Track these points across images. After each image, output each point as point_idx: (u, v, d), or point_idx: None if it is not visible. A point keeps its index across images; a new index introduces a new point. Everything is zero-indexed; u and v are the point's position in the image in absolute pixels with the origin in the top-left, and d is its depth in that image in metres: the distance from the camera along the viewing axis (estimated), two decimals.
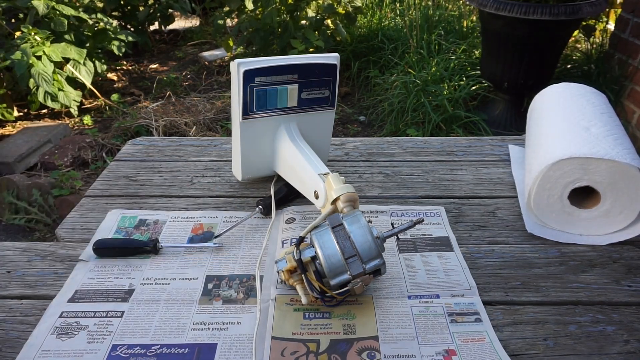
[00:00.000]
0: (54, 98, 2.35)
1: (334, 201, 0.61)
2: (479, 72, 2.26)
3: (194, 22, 3.94)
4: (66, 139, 2.29)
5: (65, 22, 2.35)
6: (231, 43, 2.94)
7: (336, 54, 0.75)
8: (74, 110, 2.48)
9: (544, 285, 0.62)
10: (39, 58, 2.25)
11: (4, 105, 2.47)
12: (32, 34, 2.25)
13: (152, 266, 0.65)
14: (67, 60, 2.43)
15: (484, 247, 0.69)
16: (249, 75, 0.69)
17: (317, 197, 0.65)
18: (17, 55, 2.18)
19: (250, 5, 2.65)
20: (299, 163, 0.70)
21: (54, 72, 2.31)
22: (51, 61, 2.29)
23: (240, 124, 0.72)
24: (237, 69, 0.68)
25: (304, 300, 0.56)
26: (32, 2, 2.25)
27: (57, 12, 2.32)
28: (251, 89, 0.70)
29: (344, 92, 2.68)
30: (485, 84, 2.26)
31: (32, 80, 2.24)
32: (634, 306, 0.59)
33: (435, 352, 0.52)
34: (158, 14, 3.22)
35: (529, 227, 0.71)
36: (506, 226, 0.73)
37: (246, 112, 0.71)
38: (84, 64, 2.48)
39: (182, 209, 0.77)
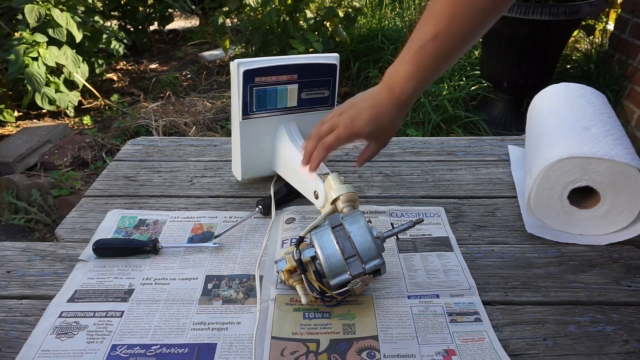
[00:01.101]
0: (52, 102, 2.35)
1: (334, 201, 0.61)
2: (479, 72, 2.26)
3: (194, 22, 3.94)
4: (66, 139, 2.29)
5: (65, 32, 2.34)
6: (227, 44, 2.94)
7: (336, 54, 0.75)
8: (69, 111, 2.48)
9: (544, 285, 0.62)
10: (35, 59, 2.25)
11: (3, 105, 2.47)
12: (29, 36, 2.24)
13: (152, 266, 0.65)
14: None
15: (483, 247, 0.69)
16: (249, 75, 0.69)
17: (317, 197, 0.65)
18: (12, 57, 2.18)
19: (253, 3, 2.64)
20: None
21: (49, 72, 2.31)
22: (45, 64, 2.28)
23: (240, 124, 0.72)
24: (237, 69, 0.68)
25: (303, 300, 0.56)
26: (25, 8, 2.24)
27: (52, 18, 2.31)
28: (251, 89, 0.70)
29: (344, 92, 2.68)
30: (485, 84, 2.26)
31: (26, 81, 2.24)
32: (633, 306, 0.59)
33: (435, 352, 0.52)
34: (157, 14, 3.22)
35: (529, 227, 0.71)
36: (506, 226, 0.73)
37: (246, 112, 0.71)
38: (81, 67, 2.47)
39: (182, 209, 0.77)
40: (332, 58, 0.74)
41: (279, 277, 0.61)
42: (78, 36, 2.41)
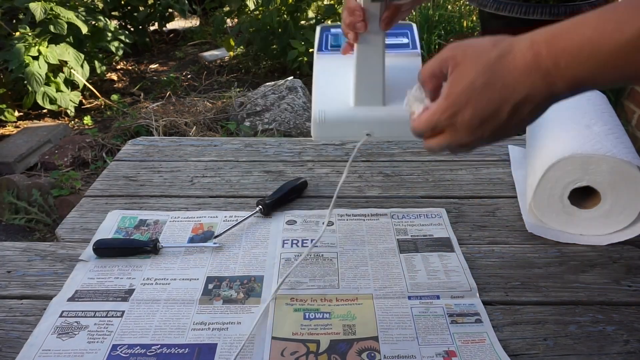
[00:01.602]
0: (53, 101, 2.35)
1: None
2: None
3: (194, 22, 3.94)
4: (66, 139, 2.29)
5: (65, 25, 2.35)
6: (232, 42, 2.94)
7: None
8: (70, 111, 2.48)
9: (544, 285, 0.62)
10: (36, 58, 2.25)
11: (4, 105, 2.47)
12: (29, 34, 2.25)
13: (153, 266, 0.65)
14: (65, 61, 2.43)
15: (484, 247, 0.69)
16: (325, 28, 0.74)
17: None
18: (13, 55, 2.18)
19: (252, 5, 2.65)
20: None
21: (50, 72, 2.31)
22: (47, 62, 2.28)
23: (316, 58, 0.71)
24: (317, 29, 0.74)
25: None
26: (30, 4, 2.24)
27: (56, 15, 2.32)
28: (326, 35, 0.73)
29: None
30: None
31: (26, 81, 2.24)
32: (633, 306, 0.59)
33: (436, 352, 0.52)
34: (158, 14, 3.22)
35: (529, 227, 0.71)
36: (506, 226, 0.73)
37: (321, 49, 0.72)
38: (82, 66, 2.48)
39: (182, 209, 0.77)
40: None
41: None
42: (84, 28, 2.41)
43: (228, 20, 3.08)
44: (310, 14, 2.71)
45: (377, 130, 0.64)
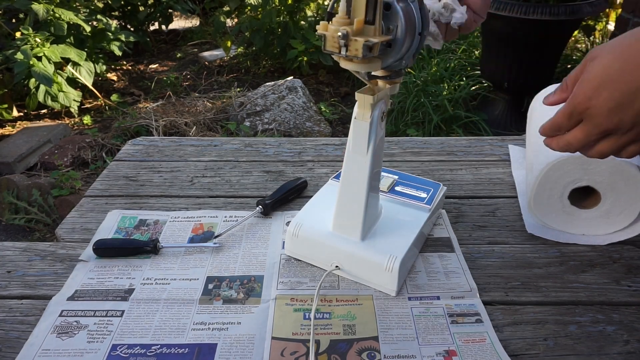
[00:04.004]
0: (54, 98, 2.35)
1: None
2: (479, 72, 2.26)
3: (194, 22, 3.94)
4: (66, 139, 2.29)
5: (65, 25, 2.35)
6: (229, 44, 2.94)
7: None
8: (74, 110, 2.48)
9: (544, 285, 0.62)
10: (39, 59, 2.25)
11: (5, 105, 2.47)
12: (32, 35, 2.25)
13: (153, 266, 0.65)
14: (67, 60, 2.43)
15: (484, 247, 0.69)
16: None
17: None
18: (19, 56, 2.18)
19: (254, 1, 2.65)
20: None
21: (53, 72, 2.31)
22: (50, 62, 2.29)
23: (328, 182, 0.73)
24: None
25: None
26: (32, 6, 2.25)
27: (57, 16, 2.33)
28: None
29: (344, 92, 2.68)
30: (485, 84, 2.26)
31: (32, 80, 2.25)
32: (634, 306, 0.59)
33: (436, 352, 0.52)
34: (158, 14, 3.22)
35: (529, 227, 0.71)
36: (506, 226, 0.73)
37: (337, 177, 0.71)
38: (85, 64, 2.48)
39: (182, 209, 0.77)
40: None
41: None
42: (87, 27, 2.42)
43: (228, 20, 3.08)
44: (309, 13, 2.71)
45: (347, 264, 0.62)
